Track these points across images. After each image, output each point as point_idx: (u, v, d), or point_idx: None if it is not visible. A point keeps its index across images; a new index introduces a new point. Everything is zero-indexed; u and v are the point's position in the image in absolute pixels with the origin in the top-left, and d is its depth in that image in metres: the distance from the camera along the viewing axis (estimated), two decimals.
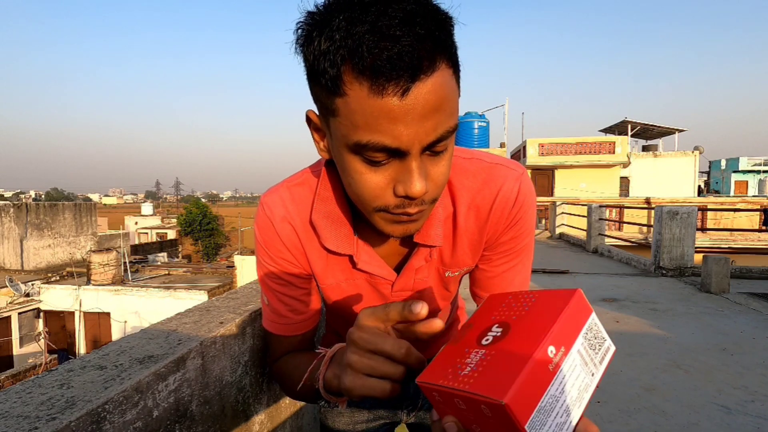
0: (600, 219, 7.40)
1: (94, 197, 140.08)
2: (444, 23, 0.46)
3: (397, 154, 0.47)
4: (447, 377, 0.41)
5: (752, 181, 26.87)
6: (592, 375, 0.40)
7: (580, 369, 0.39)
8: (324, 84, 0.47)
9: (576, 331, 0.39)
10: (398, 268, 0.68)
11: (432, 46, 0.44)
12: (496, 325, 0.44)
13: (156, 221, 42.57)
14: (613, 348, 0.43)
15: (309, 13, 0.47)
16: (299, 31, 0.48)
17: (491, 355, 0.40)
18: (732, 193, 24.73)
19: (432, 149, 0.48)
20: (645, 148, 22.77)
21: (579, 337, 0.39)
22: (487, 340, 0.43)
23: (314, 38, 0.46)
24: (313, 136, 0.57)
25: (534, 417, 0.35)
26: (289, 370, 0.72)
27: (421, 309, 0.45)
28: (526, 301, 0.45)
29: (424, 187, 0.48)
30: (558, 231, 9.82)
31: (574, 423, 0.38)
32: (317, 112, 0.53)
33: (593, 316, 0.42)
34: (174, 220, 40.63)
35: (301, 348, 0.75)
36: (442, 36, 0.45)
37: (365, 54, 0.42)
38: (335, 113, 0.48)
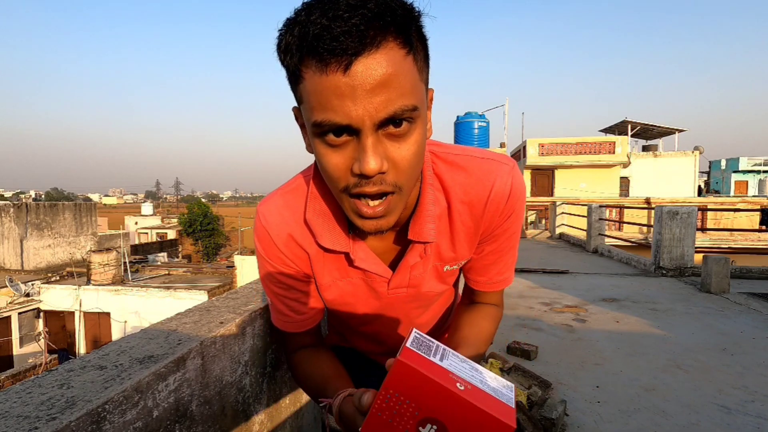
0: (600, 219, 7.39)
1: (94, 197, 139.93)
2: (402, 10, 0.47)
3: (351, 131, 0.48)
4: None
5: (752, 181, 26.84)
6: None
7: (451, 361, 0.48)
8: (290, 76, 0.50)
9: (432, 368, 0.45)
10: (394, 265, 0.69)
11: (380, 25, 0.45)
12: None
13: (156, 221, 42.53)
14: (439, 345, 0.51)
15: (287, 18, 0.49)
16: (278, 37, 0.50)
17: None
18: (732, 193, 24.71)
19: (390, 129, 0.49)
20: (645, 148, 22.75)
21: (432, 358, 0.47)
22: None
23: (283, 38, 0.48)
24: (302, 134, 0.59)
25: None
26: (303, 375, 0.75)
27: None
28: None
29: (379, 165, 0.48)
30: (558, 231, 9.81)
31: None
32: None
33: (412, 337, 0.49)
34: (174, 220, 40.62)
35: (311, 342, 0.78)
36: (395, 19, 0.46)
37: (311, 35, 0.45)
38: (301, 100, 0.51)
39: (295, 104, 0.56)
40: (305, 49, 0.46)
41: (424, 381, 0.43)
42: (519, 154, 20.74)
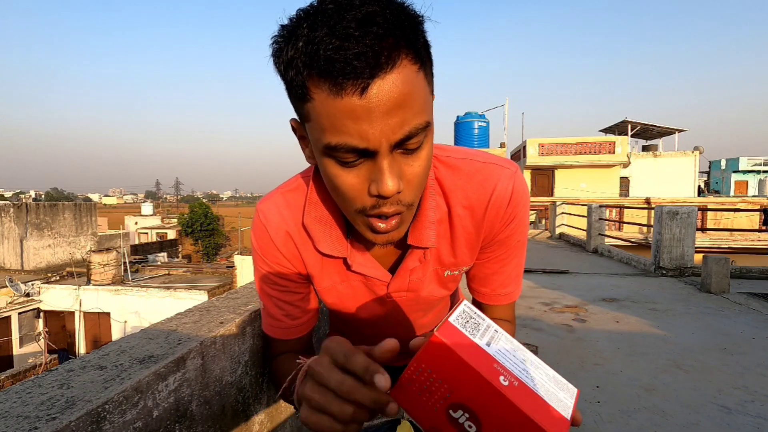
0: (600, 219, 7.40)
1: (94, 197, 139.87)
2: (409, 21, 0.45)
3: (367, 153, 0.47)
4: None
5: (752, 181, 26.85)
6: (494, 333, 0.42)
7: (498, 342, 0.41)
8: (295, 92, 0.48)
9: (474, 351, 0.39)
10: (393, 269, 0.68)
11: (392, 43, 0.43)
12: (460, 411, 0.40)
13: (156, 221, 42.54)
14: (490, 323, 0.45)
15: (281, 26, 0.47)
16: (273, 45, 0.48)
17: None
18: (732, 193, 24.71)
19: (404, 147, 0.48)
20: (645, 148, 22.76)
21: (479, 343, 0.39)
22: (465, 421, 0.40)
23: (283, 49, 0.46)
24: (300, 144, 0.58)
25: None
26: (279, 373, 0.73)
27: (393, 347, 0.43)
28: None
29: (397, 186, 0.48)
30: (558, 231, 9.81)
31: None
32: (299, 120, 0.54)
33: (458, 310, 0.42)
34: (174, 220, 40.63)
35: (297, 350, 0.76)
36: (404, 33, 0.44)
37: (323, 56, 0.43)
38: (308, 119, 0.49)
39: (293, 116, 0.55)
40: (315, 68, 0.44)
41: (461, 365, 0.37)
42: (519, 154, 20.75)
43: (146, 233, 36.72)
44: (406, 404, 0.42)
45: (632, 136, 22.06)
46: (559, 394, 0.39)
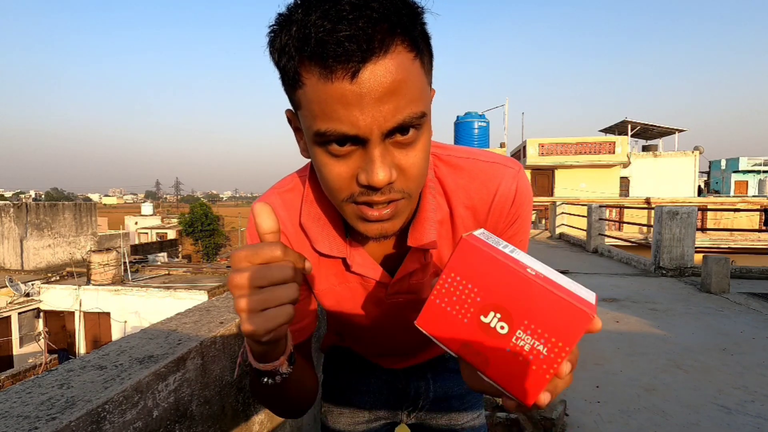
0: (600, 219, 7.39)
1: (94, 197, 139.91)
2: (406, 9, 0.44)
3: (358, 141, 0.46)
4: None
5: (752, 181, 26.85)
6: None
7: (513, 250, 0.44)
8: (287, 79, 0.47)
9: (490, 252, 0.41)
10: (393, 270, 0.67)
11: (387, 28, 0.42)
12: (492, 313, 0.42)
13: (156, 221, 42.55)
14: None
15: (278, 14, 0.46)
16: (270, 34, 0.47)
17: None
18: (732, 193, 24.70)
19: (397, 137, 0.47)
20: (645, 148, 22.77)
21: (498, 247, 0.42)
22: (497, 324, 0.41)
23: (278, 37, 0.46)
24: (295, 137, 0.57)
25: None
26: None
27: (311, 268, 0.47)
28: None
29: (388, 176, 0.47)
30: (558, 231, 9.81)
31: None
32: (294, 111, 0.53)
33: (478, 231, 0.45)
34: (174, 220, 40.65)
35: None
36: (401, 20, 0.43)
37: (314, 39, 0.42)
38: (299, 106, 0.48)
39: (289, 107, 0.53)
40: (306, 53, 0.43)
41: (490, 261, 0.39)
42: (519, 154, 20.74)
43: (146, 233, 36.71)
44: (435, 327, 0.43)
45: (632, 136, 22.06)
46: (581, 291, 0.41)
